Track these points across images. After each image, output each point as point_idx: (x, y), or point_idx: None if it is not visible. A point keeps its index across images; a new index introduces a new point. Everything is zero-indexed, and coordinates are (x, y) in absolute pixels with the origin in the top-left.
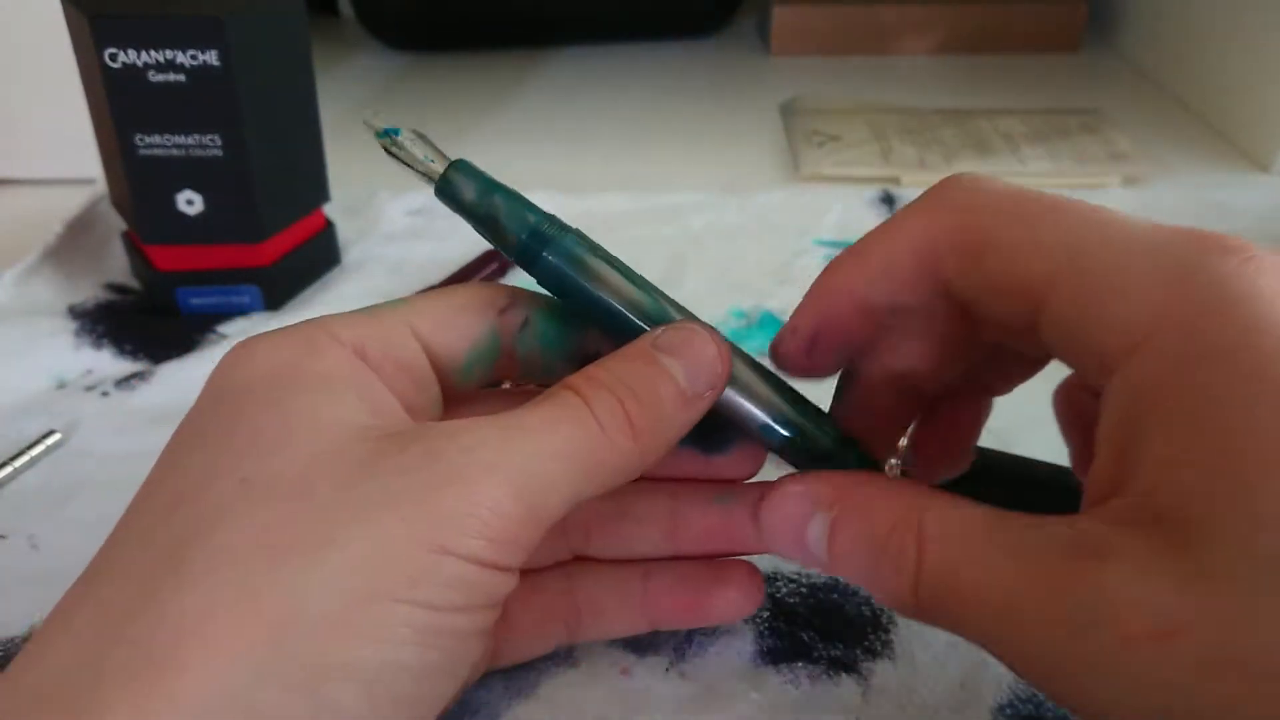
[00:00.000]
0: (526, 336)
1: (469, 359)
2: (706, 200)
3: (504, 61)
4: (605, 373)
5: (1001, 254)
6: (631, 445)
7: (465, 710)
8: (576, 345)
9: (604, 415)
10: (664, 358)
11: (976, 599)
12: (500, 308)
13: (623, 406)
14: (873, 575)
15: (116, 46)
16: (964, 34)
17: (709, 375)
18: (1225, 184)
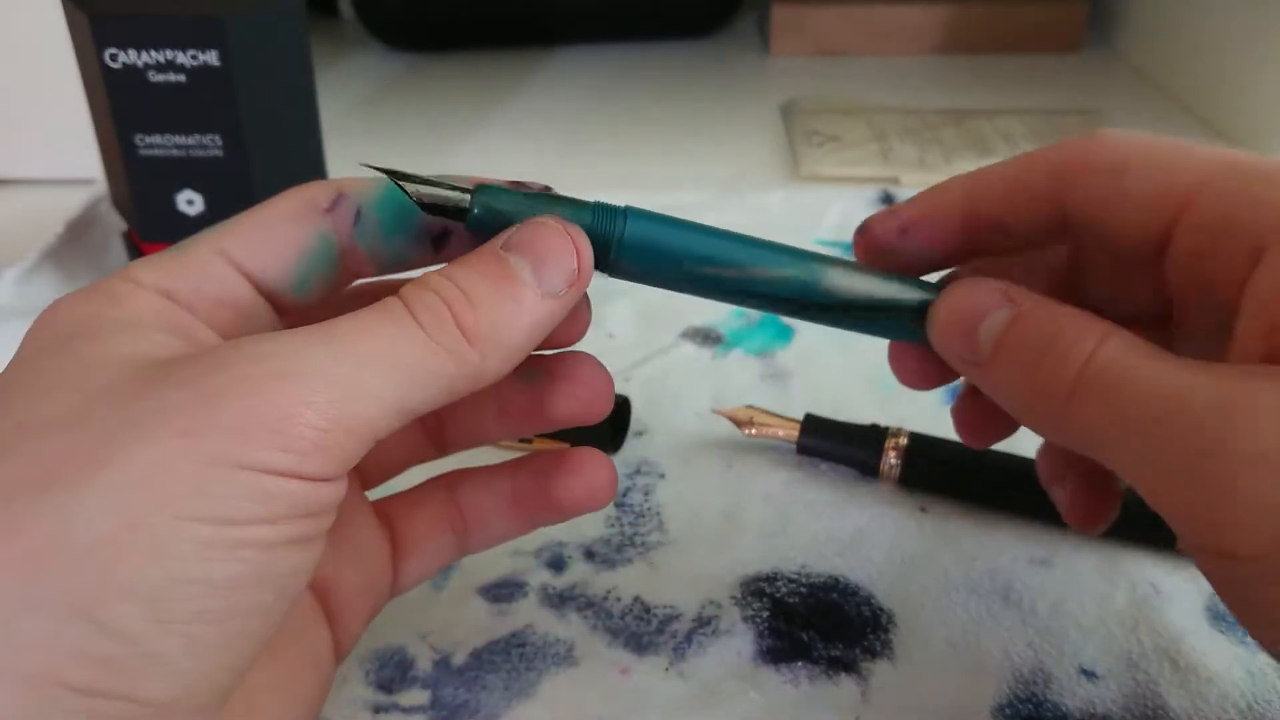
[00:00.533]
0: (364, 230)
1: (300, 272)
2: (706, 200)
3: (504, 61)
4: (438, 277)
5: (1145, 167)
6: (467, 349)
7: (465, 710)
8: (424, 224)
9: (427, 319)
10: (511, 256)
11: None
12: (324, 206)
13: (450, 309)
14: (1033, 372)
15: (117, 46)
16: (964, 34)
17: (564, 270)
18: None
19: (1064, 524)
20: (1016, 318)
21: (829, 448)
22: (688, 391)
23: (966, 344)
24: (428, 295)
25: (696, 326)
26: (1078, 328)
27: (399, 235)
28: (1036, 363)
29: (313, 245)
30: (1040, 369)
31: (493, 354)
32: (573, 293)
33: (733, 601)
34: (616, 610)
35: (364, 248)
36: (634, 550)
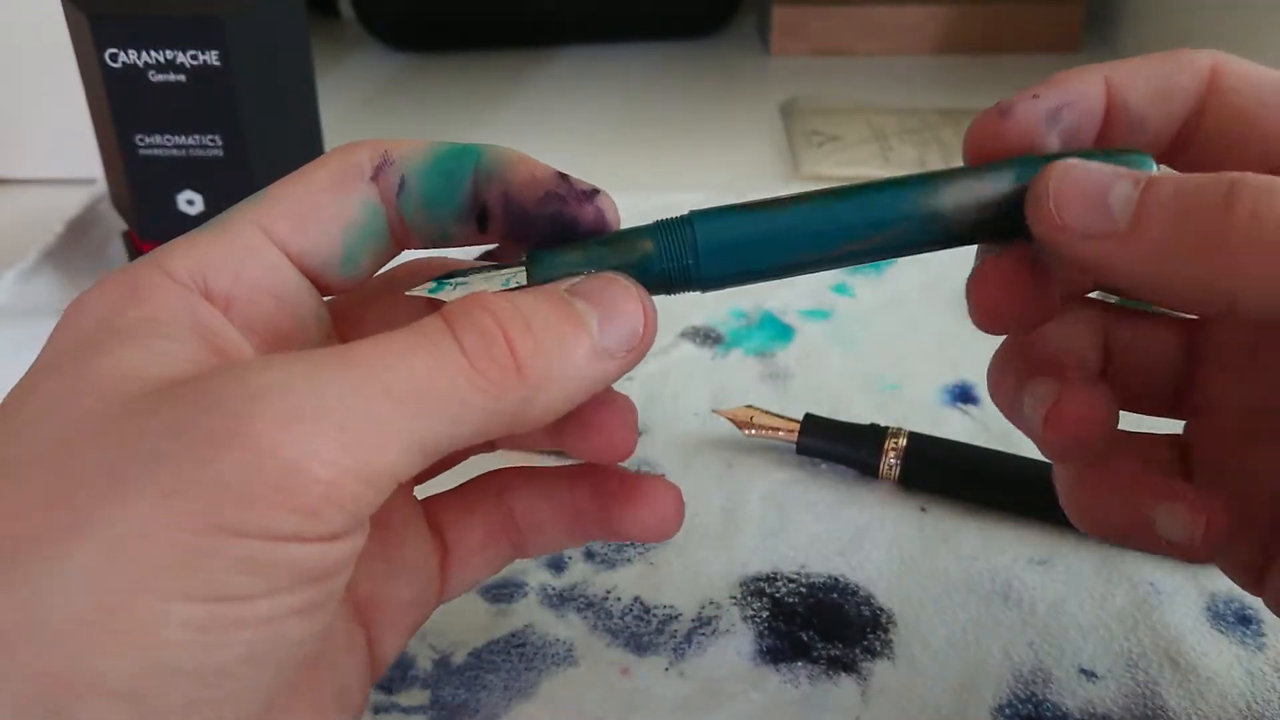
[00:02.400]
0: (407, 199)
1: (348, 247)
2: (706, 200)
3: (504, 61)
4: (494, 297)
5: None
6: (514, 381)
7: (465, 710)
8: (468, 200)
9: (473, 341)
10: (578, 302)
11: None
12: (370, 172)
13: (505, 335)
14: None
15: (117, 46)
16: (964, 34)
17: (629, 332)
18: None
19: (1063, 523)
20: (1155, 179)
21: (829, 448)
22: (687, 391)
23: (1096, 213)
24: (479, 314)
25: (696, 326)
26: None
27: (443, 210)
28: (1210, 209)
29: (360, 218)
30: (1220, 212)
31: (542, 394)
32: (631, 358)
33: (733, 601)
34: (616, 610)
35: (406, 218)
36: (634, 550)
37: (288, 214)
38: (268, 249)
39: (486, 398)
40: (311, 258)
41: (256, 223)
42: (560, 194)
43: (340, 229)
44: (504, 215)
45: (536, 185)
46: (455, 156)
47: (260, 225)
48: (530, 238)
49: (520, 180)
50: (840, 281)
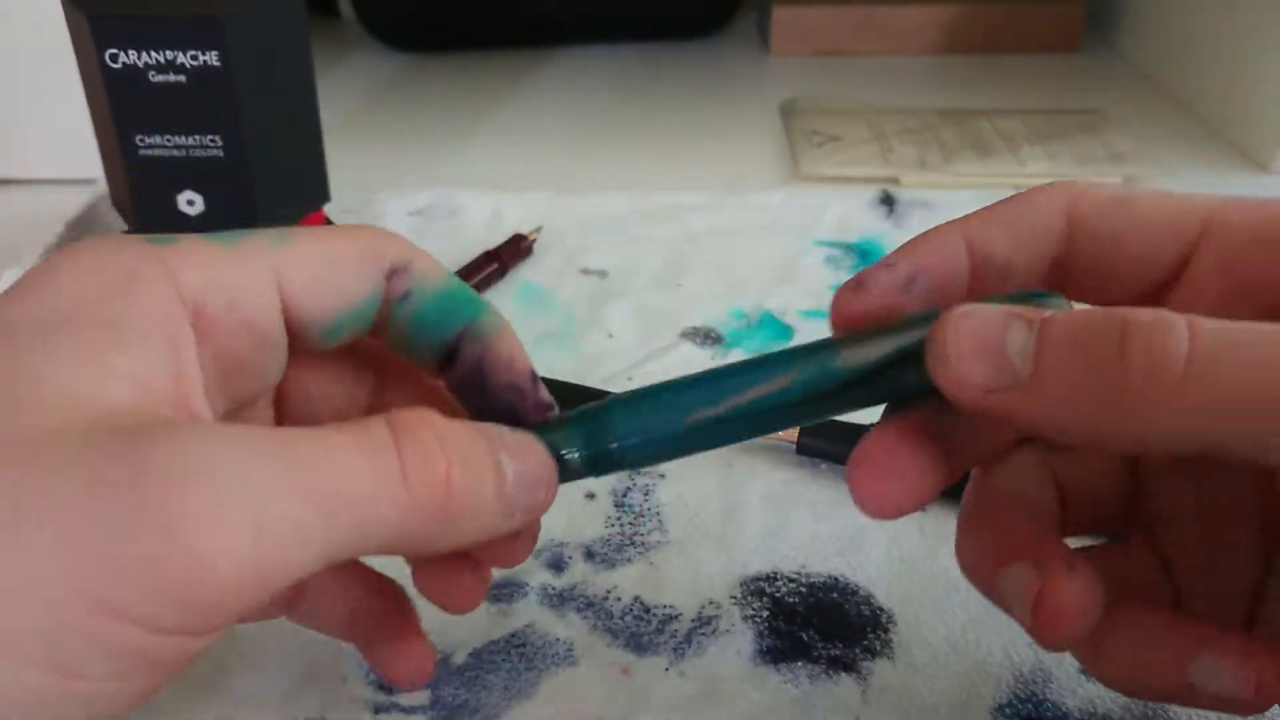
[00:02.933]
0: (402, 310)
1: (339, 323)
2: (706, 200)
3: (504, 61)
4: (443, 421)
5: (1154, 195)
6: (439, 510)
7: (465, 710)
8: (449, 342)
9: (413, 464)
10: (501, 451)
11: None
12: (388, 270)
13: (445, 461)
14: (1100, 370)
15: (117, 46)
16: (964, 34)
17: (536, 495)
18: (1225, 184)
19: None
20: (1045, 325)
21: (829, 448)
22: None
23: (996, 365)
24: (427, 436)
25: (696, 326)
26: (1144, 312)
27: (427, 337)
28: (1107, 358)
29: (362, 305)
30: (1116, 362)
31: (455, 527)
32: (522, 519)
33: (733, 601)
34: (616, 610)
35: (391, 324)
36: (634, 550)
37: (304, 271)
38: (272, 293)
39: (407, 520)
40: (303, 318)
41: (273, 264)
42: (524, 390)
43: (341, 305)
44: (470, 375)
45: (510, 371)
46: (461, 300)
47: (275, 268)
48: (472, 404)
49: (498, 358)
50: (840, 282)
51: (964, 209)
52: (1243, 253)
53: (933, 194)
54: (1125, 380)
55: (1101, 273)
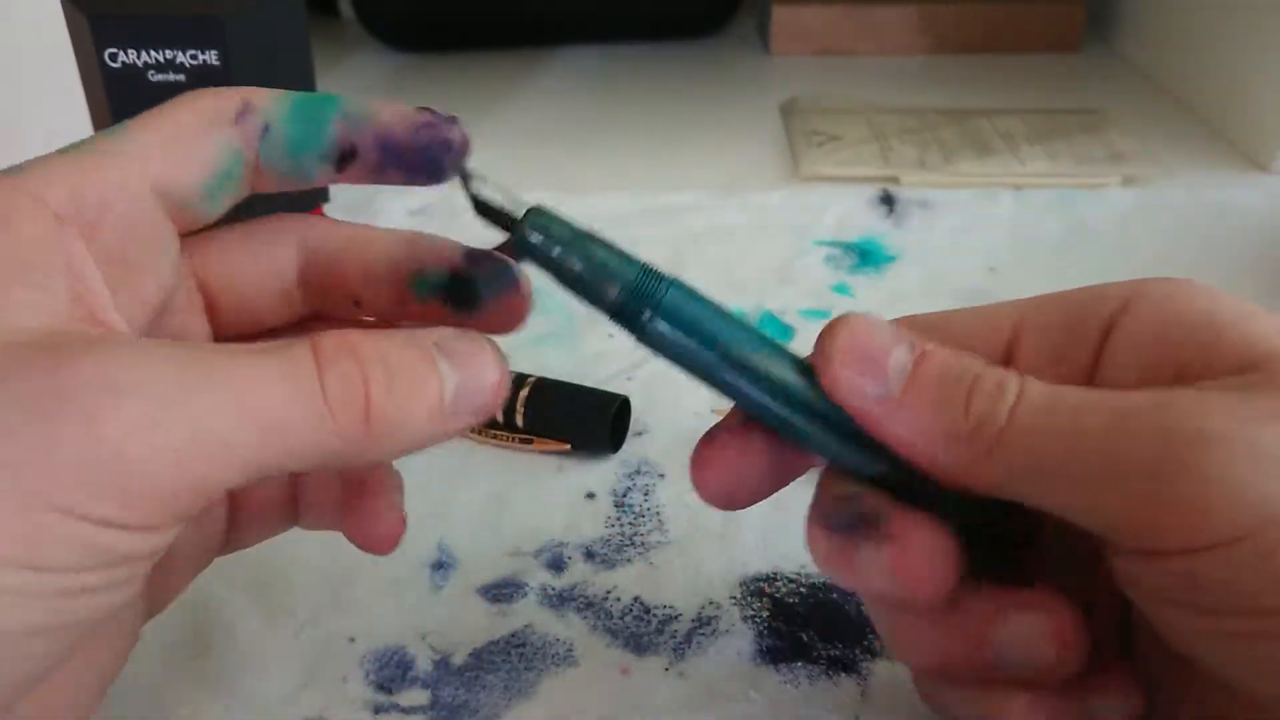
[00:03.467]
0: (270, 144)
1: (210, 188)
2: (706, 200)
3: (504, 61)
4: (365, 341)
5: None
6: (362, 436)
7: (465, 710)
8: (332, 141)
9: (336, 391)
10: (443, 362)
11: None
12: (233, 117)
13: (367, 388)
14: (951, 410)
15: (116, 46)
16: (964, 34)
17: (479, 401)
18: (1225, 184)
19: None
20: (923, 356)
21: None
22: (688, 391)
23: (873, 376)
24: (348, 363)
25: None
26: (994, 370)
27: (305, 153)
28: (957, 402)
29: (223, 160)
30: (962, 409)
31: (380, 447)
32: (472, 424)
33: (733, 601)
34: (616, 610)
35: (267, 162)
36: (634, 550)
37: (156, 149)
38: (135, 181)
39: (331, 442)
40: (175, 195)
41: (125, 153)
42: (432, 122)
43: (205, 169)
44: (376, 152)
45: (406, 119)
46: (315, 103)
47: (128, 157)
48: (403, 166)
49: (390, 118)
50: (840, 281)
51: (965, 208)
52: (1058, 346)
53: (933, 193)
54: (963, 427)
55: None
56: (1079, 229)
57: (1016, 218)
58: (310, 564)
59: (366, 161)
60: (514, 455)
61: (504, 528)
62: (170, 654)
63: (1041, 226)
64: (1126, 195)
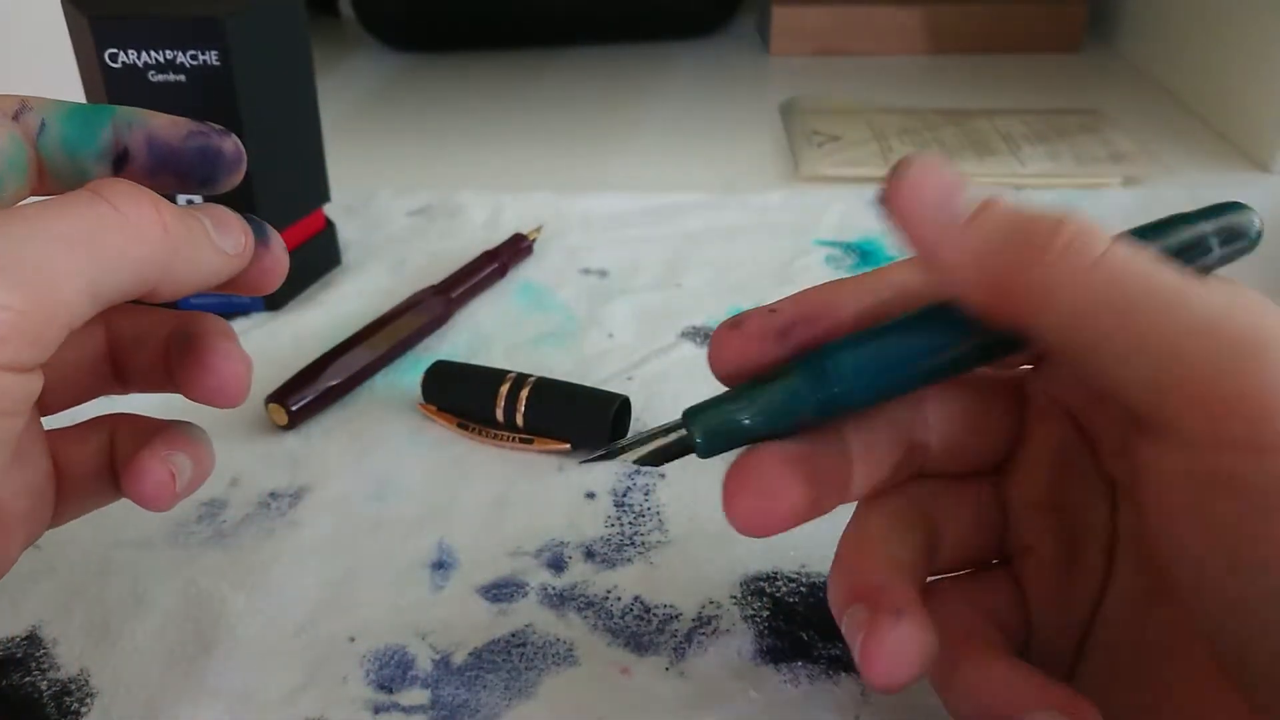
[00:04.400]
0: (47, 140)
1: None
2: (706, 200)
3: (504, 61)
4: (133, 185)
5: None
6: (161, 235)
7: (465, 710)
8: (108, 143)
9: (125, 204)
10: (195, 210)
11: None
12: (11, 113)
13: (149, 198)
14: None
15: (116, 47)
16: (964, 34)
17: (235, 237)
18: (1225, 184)
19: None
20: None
21: None
22: (688, 391)
23: (943, 198)
24: (124, 184)
25: (696, 326)
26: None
27: (82, 150)
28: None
29: (7, 149)
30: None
31: (182, 252)
32: (238, 263)
33: (733, 601)
34: (616, 610)
35: (47, 158)
36: (634, 550)
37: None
38: None
39: (139, 246)
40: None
41: None
42: (204, 131)
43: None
44: (148, 154)
45: (178, 126)
46: (91, 109)
47: None
48: (175, 171)
49: (162, 124)
50: None
51: None
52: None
53: None
54: (1046, 249)
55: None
56: None
57: None
58: (310, 564)
59: (140, 163)
60: (514, 455)
61: (504, 527)
62: (170, 654)
63: None
64: (1126, 195)
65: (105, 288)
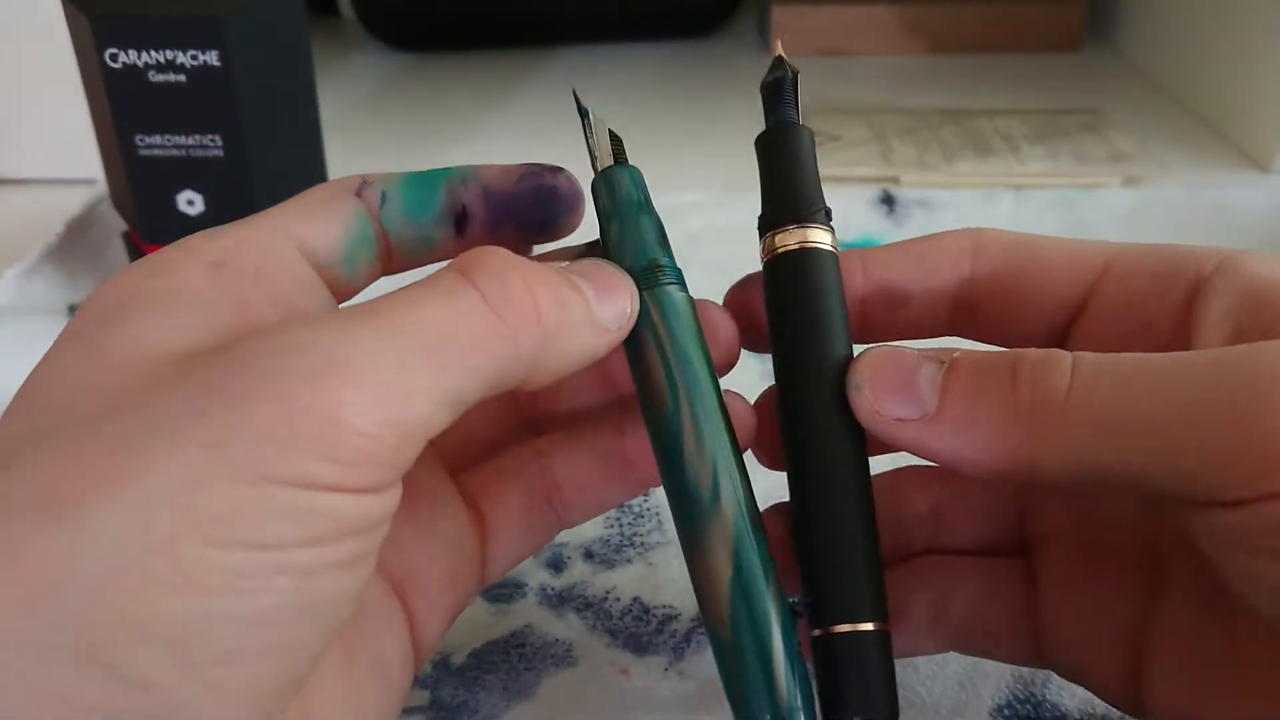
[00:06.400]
0: (390, 212)
1: (348, 247)
2: (706, 200)
3: (504, 61)
4: (501, 252)
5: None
6: (534, 326)
7: (464, 710)
8: (446, 204)
9: (493, 290)
10: (574, 275)
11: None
12: (354, 190)
13: (525, 284)
14: (998, 398)
15: (117, 47)
16: (964, 34)
17: (619, 310)
18: (1225, 184)
19: None
20: (952, 363)
21: None
22: None
23: (907, 398)
24: (494, 262)
25: None
26: (1032, 350)
27: (423, 216)
28: (1003, 388)
29: (355, 222)
30: (1010, 390)
31: (556, 343)
32: (617, 335)
33: None
34: (616, 610)
35: (391, 232)
36: (633, 550)
37: (299, 215)
38: (286, 242)
39: (508, 344)
40: (319, 254)
41: (273, 220)
42: (534, 172)
43: (342, 230)
44: (485, 208)
45: (510, 173)
46: (425, 173)
47: (278, 223)
48: (514, 220)
49: (494, 174)
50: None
51: (965, 208)
52: (1142, 292)
53: (933, 193)
54: (1015, 410)
55: (1005, 309)
56: (1079, 229)
57: (1017, 218)
58: None
59: (479, 220)
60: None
61: None
62: None
63: (1042, 226)
64: (1127, 195)
65: (469, 394)
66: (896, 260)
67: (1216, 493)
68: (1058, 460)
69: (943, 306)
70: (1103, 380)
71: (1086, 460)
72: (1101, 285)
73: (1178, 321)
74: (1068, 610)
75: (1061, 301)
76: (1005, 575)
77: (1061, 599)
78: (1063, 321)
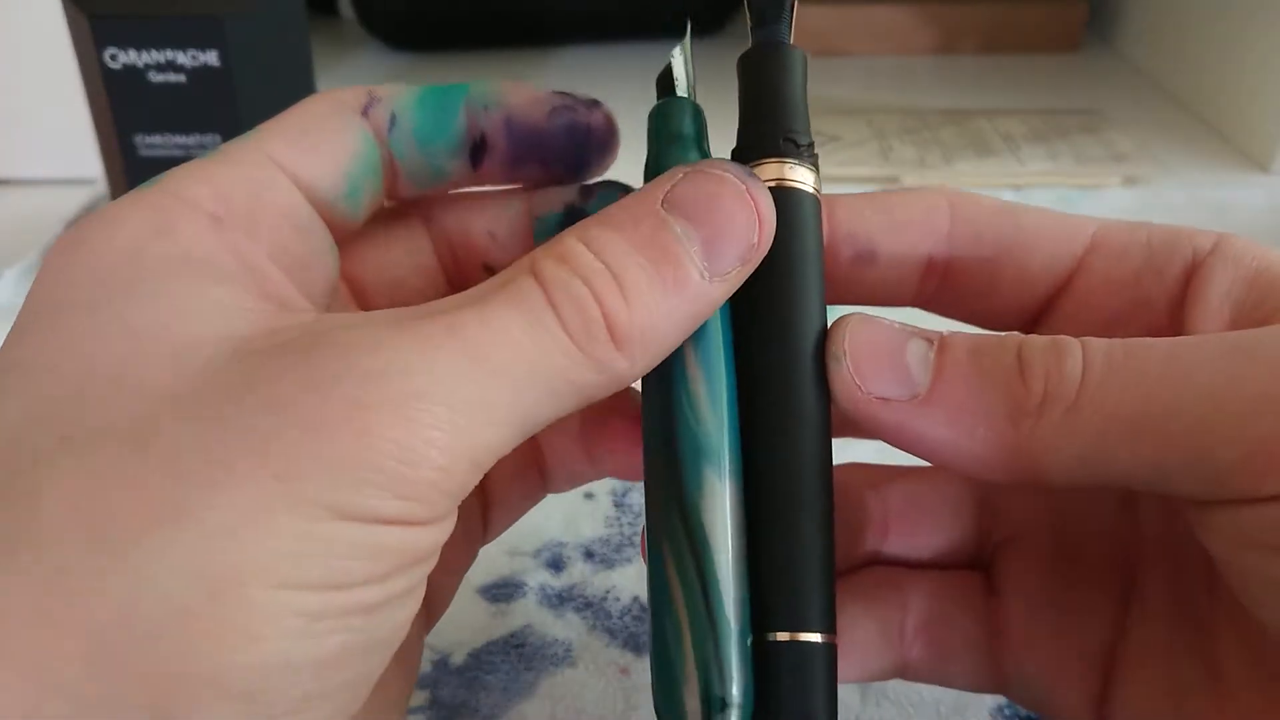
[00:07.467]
0: (399, 137)
1: (351, 179)
2: None
3: (504, 61)
4: (588, 256)
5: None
6: (616, 357)
7: (464, 710)
8: (462, 131)
9: (575, 322)
10: (677, 224)
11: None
12: (360, 107)
13: (602, 306)
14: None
15: (117, 47)
16: (964, 34)
17: (741, 246)
18: (1225, 184)
19: None
20: (948, 340)
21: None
22: None
23: (894, 376)
24: (575, 284)
25: None
26: (1038, 336)
27: (436, 144)
28: (1008, 375)
29: (360, 149)
30: (1017, 379)
31: (640, 359)
32: (743, 274)
33: None
34: (615, 610)
35: (399, 157)
36: (633, 550)
37: (293, 143)
38: (280, 177)
39: (586, 372)
40: (318, 188)
41: (263, 151)
42: (568, 105)
43: (345, 160)
44: (508, 141)
45: (540, 103)
46: (443, 92)
47: (269, 154)
48: (541, 157)
49: (522, 102)
50: None
51: None
52: (1135, 270)
53: None
54: (1025, 401)
55: (983, 280)
56: None
57: None
58: None
59: (499, 153)
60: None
61: None
62: None
63: None
64: (1127, 195)
65: (541, 419)
66: (865, 208)
67: (1249, 487)
68: (1066, 458)
69: (912, 270)
70: (1118, 370)
71: (1099, 458)
72: (1089, 260)
73: (1173, 301)
74: (1033, 625)
75: (1046, 274)
76: (963, 590)
77: (1026, 612)
78: (1041, 298)
